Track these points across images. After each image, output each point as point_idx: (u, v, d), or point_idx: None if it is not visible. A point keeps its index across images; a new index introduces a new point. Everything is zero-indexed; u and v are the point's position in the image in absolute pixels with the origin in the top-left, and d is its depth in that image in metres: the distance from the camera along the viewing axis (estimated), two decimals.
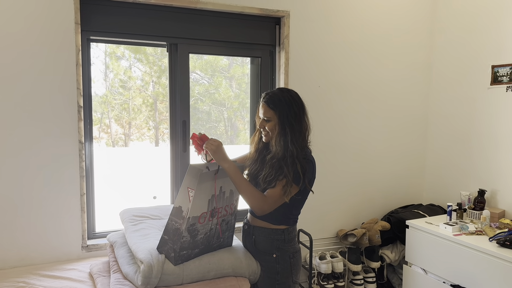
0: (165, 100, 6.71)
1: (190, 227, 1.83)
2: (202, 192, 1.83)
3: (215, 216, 1.93)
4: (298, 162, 1.85)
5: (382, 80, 3.40)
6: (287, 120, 1.87)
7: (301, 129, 1.90)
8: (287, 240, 1.98)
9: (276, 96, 1.91)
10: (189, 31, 2.81)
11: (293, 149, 1.85)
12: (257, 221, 2.02)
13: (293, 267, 2.00)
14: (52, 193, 2.49)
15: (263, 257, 2.00)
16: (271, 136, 1.93)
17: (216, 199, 1.91)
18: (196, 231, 1.86)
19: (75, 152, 2.52)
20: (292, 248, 2.00)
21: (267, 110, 1.91)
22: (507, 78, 2.95)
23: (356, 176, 3.39)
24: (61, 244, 2.53)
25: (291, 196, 1.87)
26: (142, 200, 6.27)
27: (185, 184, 1.85)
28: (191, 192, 1.82)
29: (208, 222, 1.90)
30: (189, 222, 1.81)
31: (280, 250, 1.97)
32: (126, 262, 2.03)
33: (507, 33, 2.96)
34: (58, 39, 2.43)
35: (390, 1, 3.35)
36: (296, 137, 1.88)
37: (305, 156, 1.90)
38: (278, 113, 1.88)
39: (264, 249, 1.99)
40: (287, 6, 2.98)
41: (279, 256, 1.97)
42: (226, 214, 2.00)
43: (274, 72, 3.10)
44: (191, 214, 1.81)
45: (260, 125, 1.97)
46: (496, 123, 3.06)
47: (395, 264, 3.30)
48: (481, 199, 3.03)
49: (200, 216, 1.85)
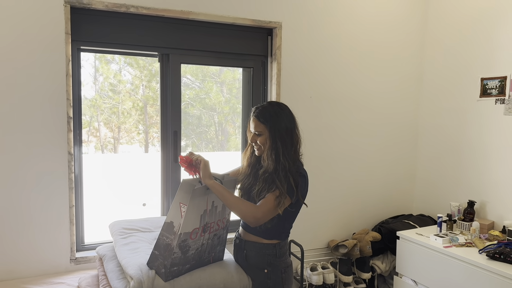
0: (155, 104, 6.67)
1: (181, 243, 1.81)
2: (194, 207, 1.81)
3: (207, 231, 1.91)
4: (291, 176, 1.84)
5: (374, 91, 3.41)
6: (278, 134, 1.87)
7: (292, 142, 1.90)
8: (279, 255, 1.97)
9: (266, 110, 1.90)
10: (181, 42, 2.80)
11: (285, 163, 1.84)
12: (249, 236, 2.00)
13: (285, 282, 1.98)
14: (41, 205, 2.45)
15: (255, 272, 1.98)
16: (263, 150, 1.93)
17: (208, 214, 1.90)
18: (187, 247, 1.84)
19: (64, 164, 2.48)
20: (284, 263, 1.99)
21: (258, 124, 1.90)
22: (496, 91, 2.99)
23: (347, 187, 3.40)
24: (49, 257, 2.49)
25: (284, 208, 1.86)
26: (132, 207, 6.22)
27: (177, 199, 1.83)
28: (183, 208, 1.80)
29: (200, 238, 1.88)
30: (181, 238, 1.79)
31: (271, 265, 1.95)
32: (115, 276, 2.00)
33: (497, 46, 2.99)
34: (48, 49, 2.40)
35: (381, 13, 3.37)
36: (287, 150, 1.87)
37: (297, 170, 1.89)
38: (269, 127, 1.88)
39: (255, 264, 1.98)
40: (279, 18, 2.99)
41: (270, 271, 1.95)
42: (218, 228, 1.99)
43: (266, 82, 3.10)
44: (183, 230, 1.79)
45: (251, 139, 1.96)
46: (485, 135, 3.09)
47: (385, 274, 3.30)
48: (470, 210, 3.05)
49: (192, 232, 1.83)
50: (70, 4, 2.42)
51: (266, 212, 1.82)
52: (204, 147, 6.38)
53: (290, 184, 1.83)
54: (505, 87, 2.93)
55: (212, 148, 6.31)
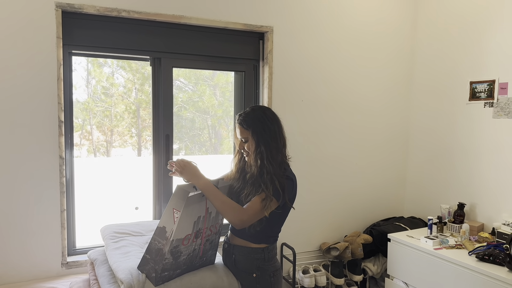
0: (148, 107, 6.66)
1: (173, 249, 1.80)
2: (188, 214, 1.81)
3: (199, 237, 1.91)
4: (276, 179, 1.85)
5: (364, 95, 3.44)
6: (262, 138, 1.88)
7: (277, 145, 1.91)
8: (267, 259, 1.97)
9: (249, 115, 1.92)
10: (172, 46, 2.81)
11: (269, 166, 1.85)
12: (237, 240, 2.01)
13: (273, 285, 1.99)
14: (32, 210, 2.44)
15: (243, 276, 1.99)
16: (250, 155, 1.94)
17: (201, 221, 1.90)
18: (179, 253, 1.85)
19: (55, 168, 2.48)
20: (273, 266, 1.99)
21: (243, 131, 1.92)
22: (484, 94, 3.03)
23: (338, 189, 3.42)
24: (40, 261, 2.48)
25: (271, 211, 1.86)
26: (124, 211, 6.19)
27: (171, 205, 1.83)
28: (177, 214, 1.79)
29: (191, 244, 1.88)
30: (173, 244, 1.79)
31: (260, 270, 1.96)
32: (106, 281, 2.00)
33: (485, 50, 3.03)
34: (39, 53, 2.39)
35: (372, 17, 3.40)
36: (272, 154, 1.88)
37: (284, 173, 1.90)
38: (252, 132, 1.89)
39: (244, 269, 1.98)
40: (271, 22, 3.01)
41: (259, 276, 1.96)
42: (210, 233, 1.99)
43: (258, 86, 3.12)
44: (175, 236, 1.78)
45: (239, 146, 1.98)
46: (474, 138, 3.12)
47: (377, 277, 3.32)
48: (460, 212, 3.08)
49: (184, 238, 1.83)
50: (61, 8, 2.42)
51: (252, 214, 1.82)
52: (197, 150, 6.37)
53: (276, 187, 1.84)
54: (493, 91, 2.97)
55: (205, 151, 6.31)
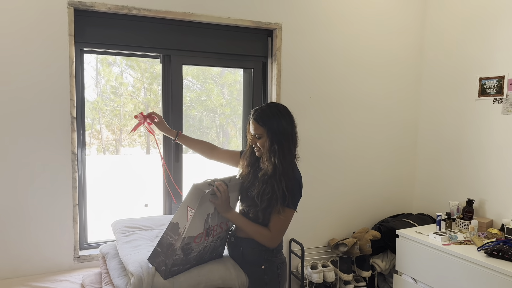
0: (156, 107, 6.69)
1: (184, 246, 1.82)
2: (201, 213, 1.83)
3: (210, 235, 1.93)
4: (284, 180, 1.88)
5: (373, 91, 3.45)
6: (276, 137, 1.89)
7: (289, 145, 1.91)
8: (275, 251, 2.00)
9: (265, 112, 1.92)
10: (182, 43, 2.84)
11: (280, 166, 1.88)
12: (244, 233, 2.03)
13: (280, 277, 2.02)
14: (45, 204, 2.49)
15: (251, 268, 2.01)
16: (262, 152, 1.96)
17: (211, 218, 1.91)
18: (190, 250, 1.86)
19: (68, 163, 2.52)
20: (279, 259, 2.03)
21: (257, 127, 1.92)
22: (494, 90, 3.02)
23: (347, 186, 3.43)
24: (53, 255, 2.53)
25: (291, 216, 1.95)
26: (134, 208, 6.25)
27: (186, 203, 1.83)
28: (191, 212, 1.81)
29: (203, 242, 1.90)
30: (184, 241, 1.81)
31: (268, 261, 1.99)
32: (117, 274, 2.03)
33: (494, 46, 3.02)
34: (52, 50, 2.44)
35: (381, 14, 3.41)
36: (284, 153, 1.89)
37: (293, 174, 1.92)
38: (267, 130, 1.89)
39: (252, 261, 2.01)
40: (279, 19, 3.03)
41: (267, 267, 1.99)
42: (221, 231, 2.00)
43: (266, 83, 3.14)
44: (188, 234, 1.80)
45: (251, 141, 1.99)
46: (484, 134, 3.12)
47: (385, 273, 3.33)
48: (469, 208, 3.07)
49: (196, 236, 1.85)
50: (73, 6, 2.46)
51: (278, 233, 1.93)
52: None
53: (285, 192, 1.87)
54: (503, 87, 2.96)
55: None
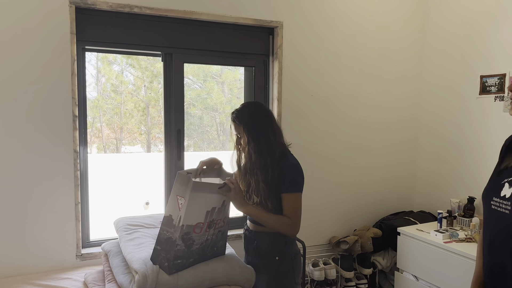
0: (157, 105, 6.71)
1: (184, 236, 1.84)
2: (197, 201, 1.84)
3: (212, 227, 1.95)
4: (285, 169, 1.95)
5: (374, 89, 3.45)
6: (253, 132, 1.97)
7: (269, 138, 1.98)
8: (289, 242, 2.05)
9: (240, 112, 2.03)
10: (184, 41, 2.84)
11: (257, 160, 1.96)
12: (258, 227, 2.07)
13: (295, 268, 2.07)
14: (47, 202, 2.50)
15: (266, 260, 2.05)
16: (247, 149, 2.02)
17: (216, 212, 1.93)
18: (191, 241, 1.88)
19: (70, 161, 2.53)
20: (293, 250, 2.08)
21: (236, 127, 2.02)
22: (495, 88, 3.02)
23: (348, 184, 3.44)
24: (55, 253, 2.54)
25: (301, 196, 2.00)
26: (135, 206, 6.26)
27: (174, 192, 1.88)
28: (181, 200, 1.84)
29: (204, 233, 1.92)
30: (183, 230, 1.82)
31: (282, 253, 2.03)
32: (120, 271, 2.04)
33: (495, 44, 3.03)
34: (53, 49, 2.44)
35: (381, 12, 3.41)
36: (264, 145, 1.96)
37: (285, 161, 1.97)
38: (243, 127, 1.99)
39: (267, 253, 2.05)
40: (281, 17, 3.03)
41: (282, 259, 2.03)
42: (223, 225, 2.04)
43: (267, 81, 3.14)
44: (185, 222, 1.82)
45: (236, 142, 2.07)
46: (485, 132, 3.12)
47: (387, 270, 3.34)
48: (470, 206, 3.08)
49: (195, 225, 1.86)
50: (75, 4, 2.46)
51: (296, 217, 1.97)
52: (206, 147, 6.43)
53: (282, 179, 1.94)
54: (504, 84, 2.96)
55: (214, 148, 6.36)
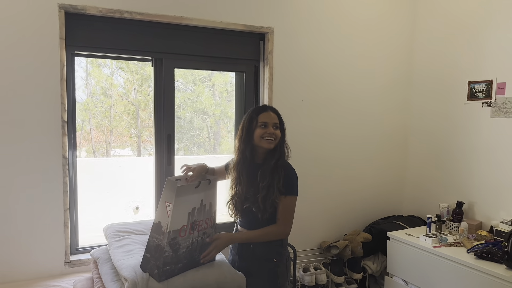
0: (147, 108, 6.67)
1: (171, 241, 1.84)
2: (181, 205, 1.85)
3: (195, 229, 1.95)
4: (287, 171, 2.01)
5: (364, 95, 3.48)
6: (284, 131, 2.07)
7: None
8: (284, 244, 2.09)
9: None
10: (174, 47, 2.83)
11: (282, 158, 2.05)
12: None
13: (288, 269, 2.11)
14: (35, 209, 2.47)
15: (264, 263, 2.06)
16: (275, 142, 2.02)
17: (196, 212, 1.94)
18: (177, 245, 1.88)
19: (59, 167, 2.50)
20: (287, 251, 2.12)
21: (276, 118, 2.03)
22: (482, 94, 3.06)
23: (338, 189, 3.45)
24: (44, 260, 2.51)
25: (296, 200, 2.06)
26: (125, 211, 6.20)
27: (163, 199, 1.88)
28: (169, 206, 1.84)
29: (189, 236, 1.92)
30: (170, 236, 1.82)
31: (279, 255, 2.06)
32: (110, 279, 2.02)
33: (483, 50, 3.07)
34: (42, 54, 2.42)
35: (372, 18, 3.44)
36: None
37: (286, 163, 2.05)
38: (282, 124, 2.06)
39: (264, 256, 2.05)
40: (271, 23, 3.04)
41: (278, 260, 2.06)
42: (207, 227, 2.03)
43: (258, 86, 3.15)
44: (171, 227, 1.82)
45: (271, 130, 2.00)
46: (473, 138, 3.16)
47: (377, 275, 3.35)
48: (459, 211, 3.11)
49: (180, 229, 1.87)
50: (64, 9, 2.45)
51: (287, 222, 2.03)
52: (196, 150, 6.40)
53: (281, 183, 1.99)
54: (491, 91, 3.00)
55: (205, 151, 6.34)
